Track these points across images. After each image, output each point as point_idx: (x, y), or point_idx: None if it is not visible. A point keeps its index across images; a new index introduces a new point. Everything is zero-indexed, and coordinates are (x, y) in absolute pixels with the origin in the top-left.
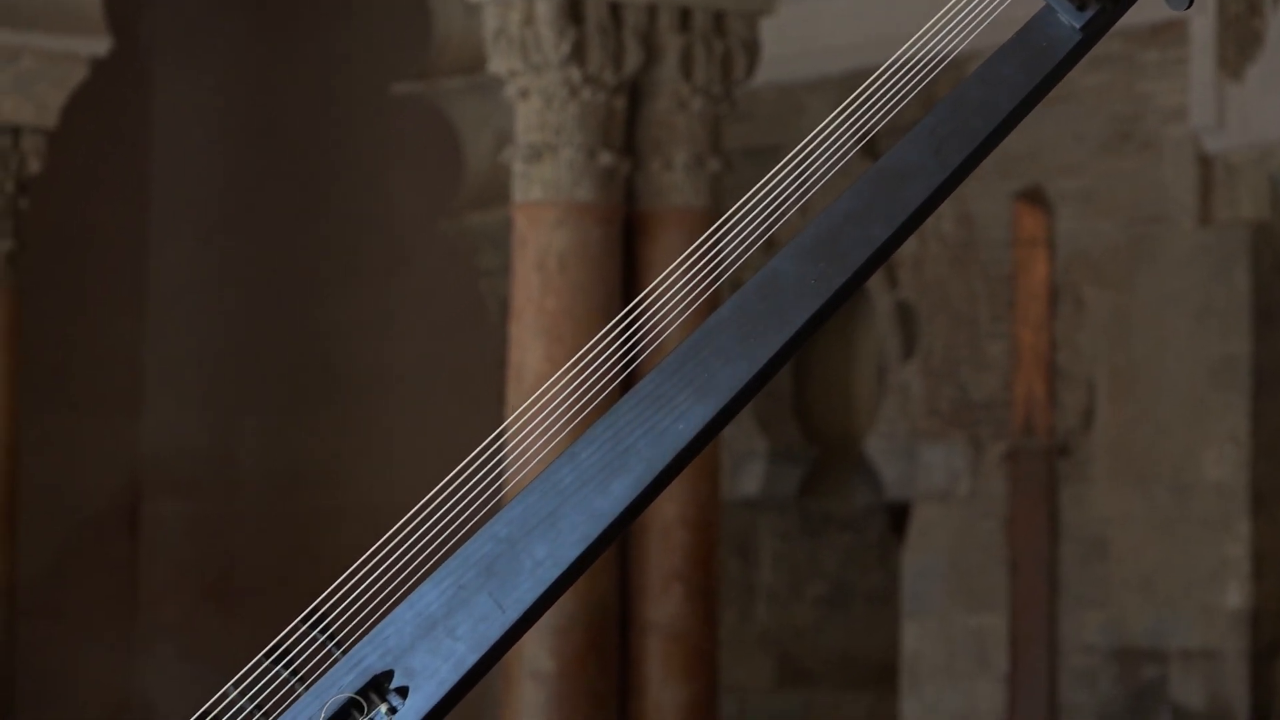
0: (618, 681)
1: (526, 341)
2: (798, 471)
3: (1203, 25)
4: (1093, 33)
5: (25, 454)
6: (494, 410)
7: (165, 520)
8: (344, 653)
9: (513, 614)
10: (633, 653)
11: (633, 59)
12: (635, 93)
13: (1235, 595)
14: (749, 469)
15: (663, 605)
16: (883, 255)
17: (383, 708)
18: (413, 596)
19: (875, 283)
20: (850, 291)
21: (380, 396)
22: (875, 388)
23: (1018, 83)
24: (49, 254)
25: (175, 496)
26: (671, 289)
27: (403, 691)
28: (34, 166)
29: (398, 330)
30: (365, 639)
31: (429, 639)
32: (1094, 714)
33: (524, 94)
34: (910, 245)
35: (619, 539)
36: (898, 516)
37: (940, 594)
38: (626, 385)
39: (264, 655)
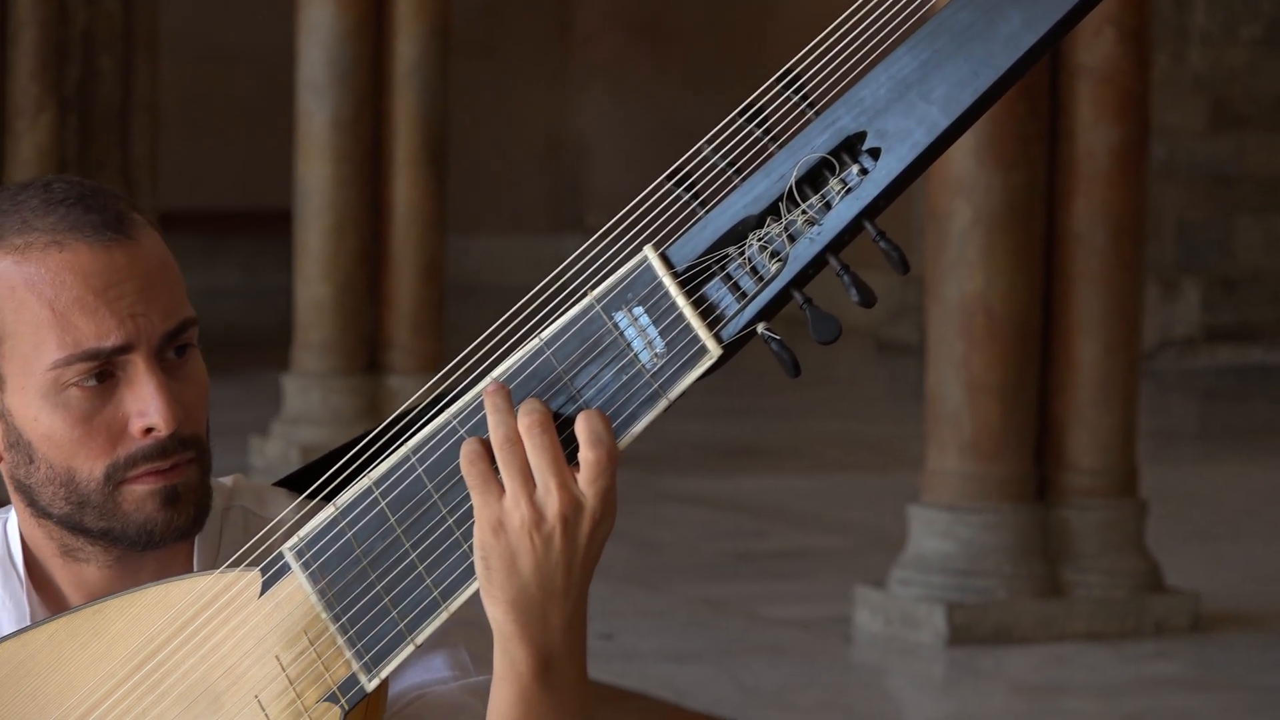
0: (1048, 124)
1: None
2: None
3: None
4: None
5: None
6: None
7: None
8: (817, 113)
9: (984, 80)
10: (1063, 97)
11: None
12: None
13: None
14: None
15: (1094, 48)
16: None
17: (854, 168)
18: (888, 60)
19: None
20: None
21: None
22: None
23: None
24: None
25: None
26: None
27: (874, 153)
28: None
29: None
30: (839, 100)
31: (903, 101)
32: None
33: None
34: None
35: None
36: None
37: None
38: None
39: (737, 113)
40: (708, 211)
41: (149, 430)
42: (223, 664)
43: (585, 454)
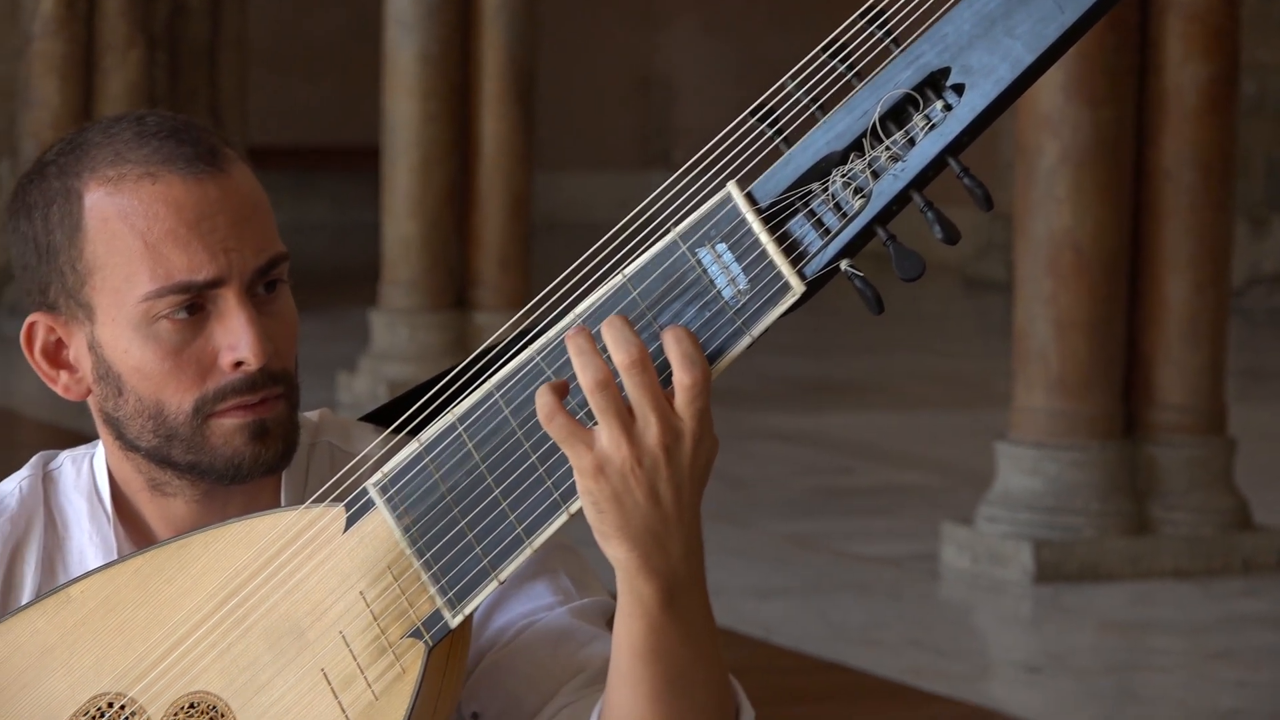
0: (1137, 61)
1: None
2: None
3: None
4: None
5: None
6: None
7: None
8: (901, 50)
9: (1070, 15)
10: (1152, 33)
11: None
12: None
13: None
14: None
15: None
16: None
17: (938, 104)
18: None
19: None
20: None
21: None
22: None
23: None
24: None
25: None
26: None
27: (958, 89)
28: None
29: None
30: (923, 36)
31: (987, 38)
32: None
33: None
34: None
35: None
36: None
37: None
38: None
39: (820, 49)
40: (791, 148)
41: (238, 364)
42: (307, 600)
43: (680, 377)
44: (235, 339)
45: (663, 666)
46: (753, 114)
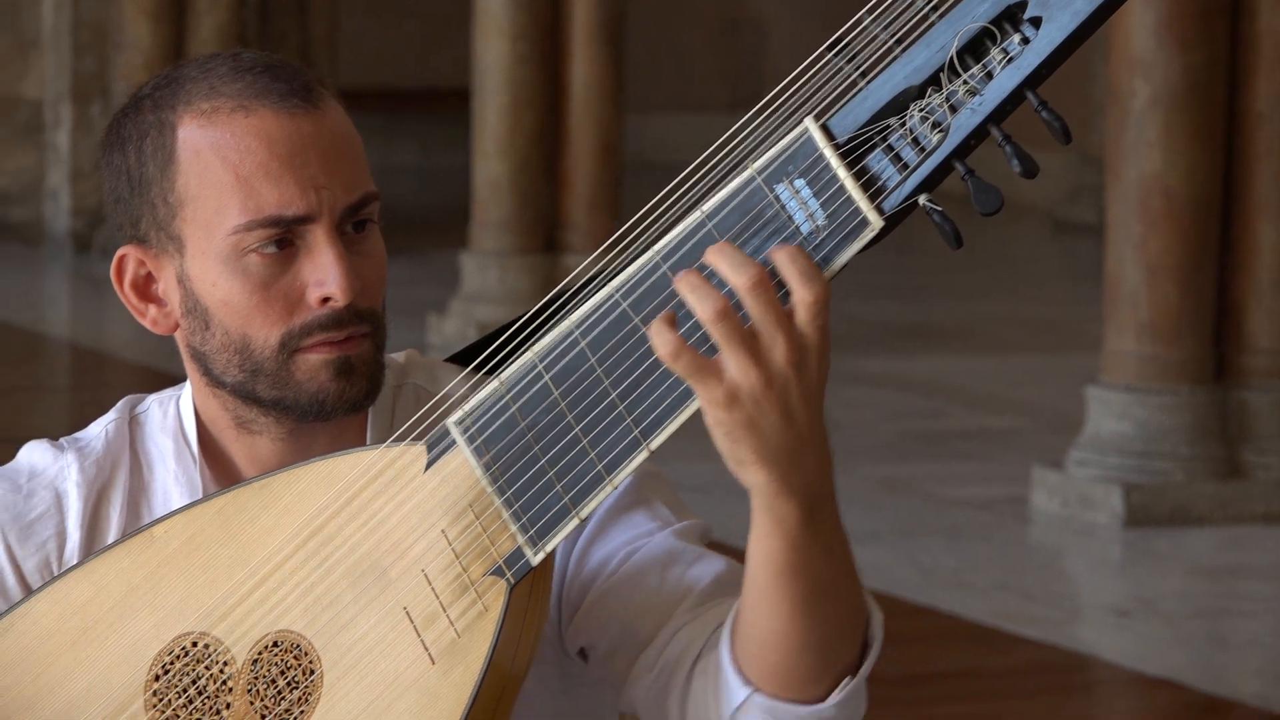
0: (1229, 3)
1: None
2: None
3: None
4: None
5: None
6: None
7: None
8: None
9: None
10: None
11: None
12: None
13: None
14: None
15: None
16: None
17: (1015, 37)
18: None
19: None
20: None
21: None
22: None
23: None
24: None
25: None
26: None
27: (1035, 22)
28: None
29: None
30: None
31: None
32: None
33: None
34: None
35: None
36: None
37: None
38: None
39: None
40: (868, 82)
41: (326, 300)
42: (389, 538)
43: (803, 294)
44: (323, 275)
45: (803, 583)
46: (830, 49)
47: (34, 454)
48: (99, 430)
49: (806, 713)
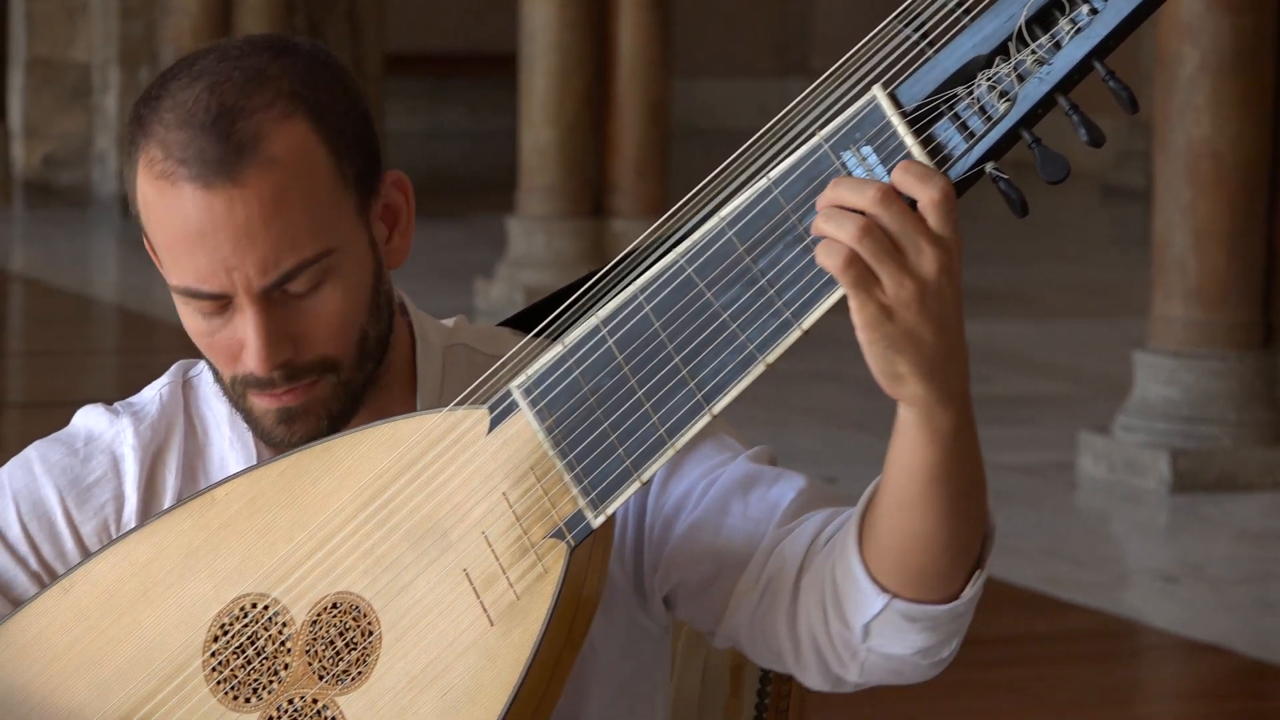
0: None
1: None
2: None
3: None
4: None
5: None
6: None
7: None
8: None
9: None
10: None
11: None
12: None
13: None
14: None
15: None
16: None
17: (1084, 8)
18: None
19: None
20: None
21: None
22: None
23: None
24: None
25: None
26: None
27: None
28: None
29: None
30: None
31: None
32: None
33: None
34: None
35: None
36: None
37: None
38: None
39: None
40: (936, 51)
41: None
42: (450, 501)
43: (928, 195)
44: (243, 345)
45: (954, 487)
46: (898, 18)
47: (89, 418)
48: (153, 394)
49: (943, 610)
